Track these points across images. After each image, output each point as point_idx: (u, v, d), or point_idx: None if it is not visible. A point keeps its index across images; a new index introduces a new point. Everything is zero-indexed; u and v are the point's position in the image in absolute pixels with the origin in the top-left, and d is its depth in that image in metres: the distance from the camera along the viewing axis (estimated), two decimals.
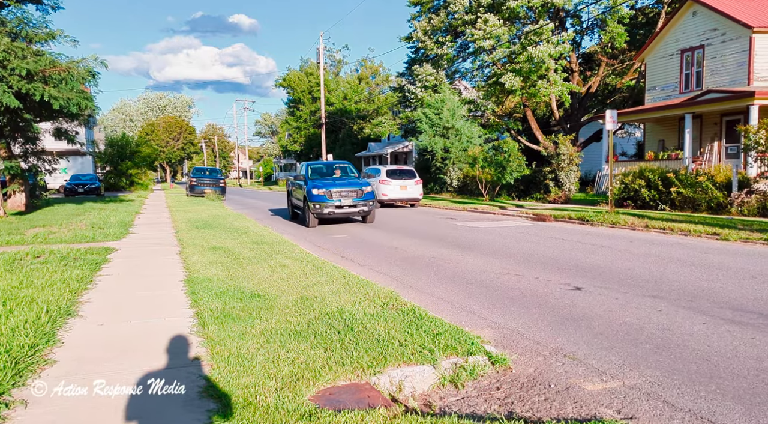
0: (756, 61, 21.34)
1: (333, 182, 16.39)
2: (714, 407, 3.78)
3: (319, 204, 15.63)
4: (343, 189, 15.96)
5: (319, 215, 15.77)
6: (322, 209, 15.66)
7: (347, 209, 15.90)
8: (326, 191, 15.78)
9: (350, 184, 16.39)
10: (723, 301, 6.44)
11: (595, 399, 4.00)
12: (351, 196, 15.94)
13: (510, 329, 5.74)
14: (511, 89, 28.02)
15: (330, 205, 15.65)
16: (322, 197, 15.68)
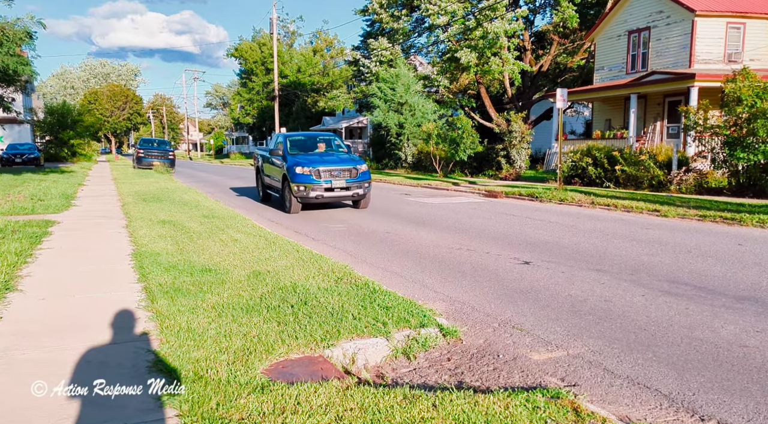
0: (697, 44, 22.13)
1: (320, 159, 13.42)
2: (650, 373, 3.99)
3: (304, 186, 12.72)
4: (333, 167, 13.02)
5: (303, 199, 12.93)
6: (308, 192, 12.73)
7: (339, 193, 13.05)
8: (313, 170, 12.82)
9: (342, 161, 13.47)
10: (661, 274, 6.76)
11: (540, 368, 4.15)
12: (344, 177, 13.04)
13: (461, 302, 5.86)
14: (466, 65, 28.14)
15: (317, 187, 12.77)
16: (307, 177, 12.78)
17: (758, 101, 14.01)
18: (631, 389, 3.75)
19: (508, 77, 30.46)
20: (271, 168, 14.85)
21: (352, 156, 14.28)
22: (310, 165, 12.91)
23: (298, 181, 12.77)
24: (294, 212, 13.15)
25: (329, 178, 12.86)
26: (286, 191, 13.40)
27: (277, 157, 14.18)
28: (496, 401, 3.27)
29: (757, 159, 14.19)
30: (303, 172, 12.79)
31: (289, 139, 14.72)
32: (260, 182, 16.43)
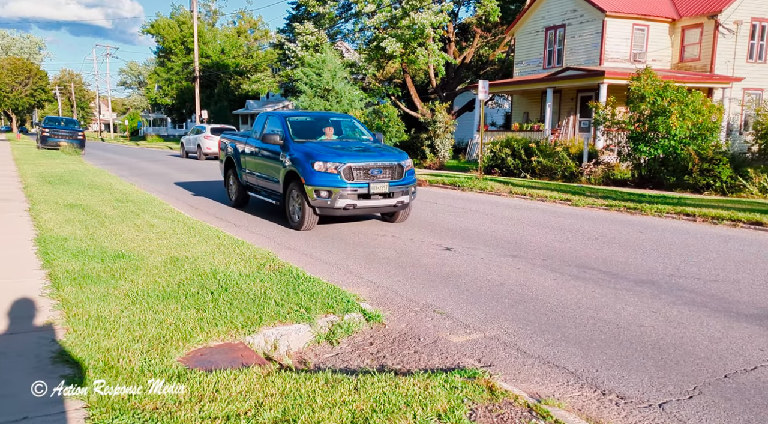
0: (607, 42, 23.46)
1: (347, 151, 9.19)
2: (559, 352, 4.23)
3: (327, 190, 8.48)
4: (370, 163, 8.81)
5: (324, 209, 8.68)
6: (333, 200, 8.49)
7: (377, 201, 8.80)
8: (341, 167, 8.57)
9: (379, 153, 9.22)
10: (571, 259, 7.16)
11: (459, 350, 4.29)
12: (385, 177, 8.84)
13: (385, 287, 5.94)
14: (392, 54, 28.28)
15: (348, 192, 8.52)
16: (332, 178, 8.53)
17: (659, 99, 15.05)
18: (541, 368, 3.96)
19: (433, 68, 30.91)
20: (258, 163, 10.50)
21: (384, 146, 10.13)
22: (336, 159, 8.60)
23: (318, 183, 8.49)
24: (307, 228, 8.97)
25: (365, 180, 8.63)
26: (291, 198, 9.17)
27: (271, 147, 9.87)
28: (416, 383, 3.35)
29: (657, 153, 15.26)
30: (325, 170, 8.54)
31: (289, 120, 10.16)
32: (234, 181, 11.70)
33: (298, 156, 9.02)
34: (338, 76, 31.29)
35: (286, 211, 9.40)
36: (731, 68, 23.40)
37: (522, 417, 3.02)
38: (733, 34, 23.28)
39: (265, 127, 10.62)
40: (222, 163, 12.46)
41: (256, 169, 10.67)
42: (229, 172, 12.02)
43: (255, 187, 10.96)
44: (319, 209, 8.75)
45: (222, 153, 12.51)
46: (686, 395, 3.50)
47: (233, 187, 11.87)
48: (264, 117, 10.97)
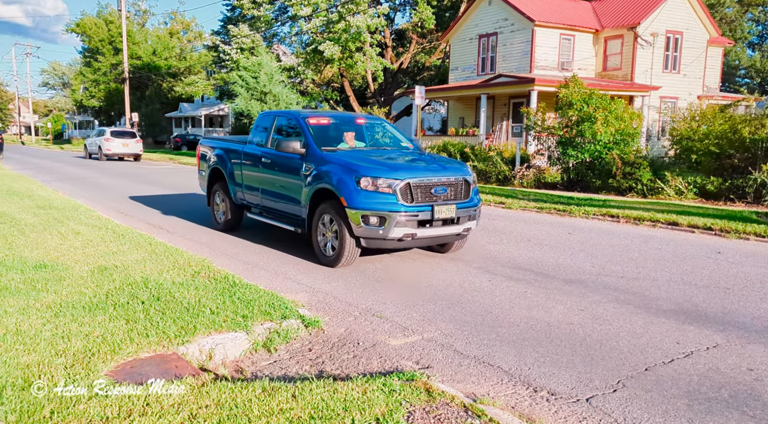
0: (537, 51, 24.41)
1: (401, 163, 7.29)
2: (494, 352, 4.35)
3: (378, 216, 6.44)
4: (432, 179, 6.80)
5: (374, 240, 6.64)
6: (387, 229, 6.45)
7: (441, 229, 6.79)
8: (396, 184, 6.55)
9: (441, 166, 7.18)
10: (505, 261, 7.38)
11: (398, 353, 4.34)
12: (451, 198, 6.89)
13: (324, 292, 5.91)
14: (330, 58, 28.24)
15: (407, 218, 6.50)
16: (384, 200, 6.51)
17: (585, 106, 15.77)
18: (477, 368, 4.06)
19: (370, 72, 31.09)
20: (265, 177, 8.19)
21: (436, 156, 8.38)
22: (390, 174, 6.59)
23: (367, 206, 6.44)
24: (345, 263, 6.86)
25: (427, 202, 6.63)
26: (321, 224, 7.04)
27: (287, 157, 7.67)
28: (354, 388, 3.36)
29: (584, 157, 15.98)
30: (376, 189, 6.51)
31: (308, 121, 7.92)
32: (224, 198, 9.20)
33: (333, 169, 6.85)
34: (276, 79, 30.91)
35: (313, 241, 7.16)
36: (649, 77, 24.84)
37: (458, 417, 3.09)
38: (650, 46, 24.74)
39: (272, 130, 8.35)
40: (204, 176, 9.81)
41: (262, 185, 8.28)
42: (216, 188, 9.41)
43: (257, 207, 8.56)
44: (365, 241, 6.62)
45: (203, 164, 9.90)
46: (611, 389, 3.68)
47: (222, 207, 9.30)
48: (269, 118, 8.63)
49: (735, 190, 13.32)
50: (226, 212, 9.16)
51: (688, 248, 8.34)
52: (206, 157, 9.80)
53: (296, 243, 8.27)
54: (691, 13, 25.90)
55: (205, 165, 9.86)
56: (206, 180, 9.75)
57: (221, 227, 9.34)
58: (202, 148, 10.07)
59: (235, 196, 8.96)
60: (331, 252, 7.00)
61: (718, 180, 13.86)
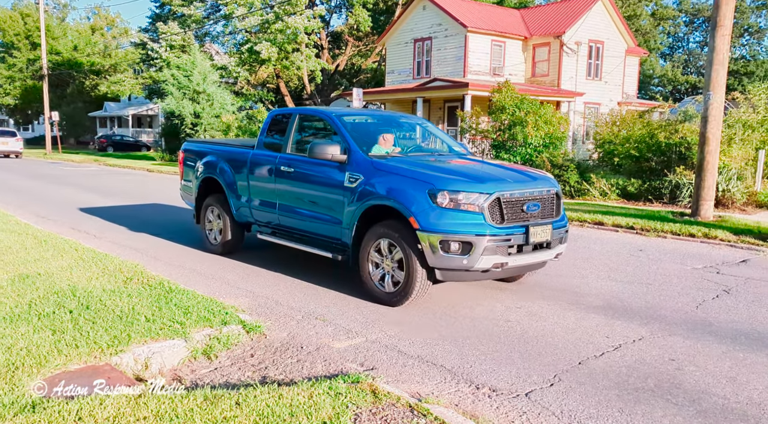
0: (470, 56, 25.08)
1: (480, 172, 5.90)
2: (436, 351, 4.42)
3: (461, 241, 5.06)
4: (525, 191, 5.48)
5: (456, 272, 5.27)
6: (474, 257, 5.07)
7: (533, 256, 5.50)
8: (485, 200, 5.19)
9: (527, 176, 5.85)
10: None
11: (342, 356, 4.33)
12: (543, 215, 5.59)
13: (265, 296, 5.82)
14: (267, 59, 27.81)
15: (497, 242, 5.14)
16: (472, 220, 5.15)
17: (517, 111, 16.33)
18: (421, 368, 4.11)
19: (307, 74, 30.87)
20: (285, 189, 6.67)
21: (504, 163, 7.17)
22: (476, 186, 5.29)
23: (447, 228, 5.10)
24: (414, 300, 5.48)
25: (519, 221, 5.36)
26: (375, 250, 5.65)
27: (318, 165, 6.24)
28: (300, 392, 3.33)
29: (516, 160, 16.53)
30: (457, 206, 5.19)
31: (342, 120, 6.54)
32: (222, 215, 7.58)
33: (394, 181, 5.49)
34: (209, 78, 30.09)
35: (363, 272, 5.69)
36: (575, 84, 26.03)
37: (404, 417, 3.13)
38: (575, 54, 25.94)
39: (292, 132, 6.76)
40: (191, 187, 8.10)
41: (280, 200, 6.71)
42: (210, 202, 7.75)
43: (271, 226, 7.01)
44: (441, 273, 5.24)
45: (189, 172, 8.21)
46: (548, 383, 3.84)
47: (217, 225, 7.67)
48: (287, 117, 7.04)
49: (653, 191, 14.16)
50: (225, 232, 7.52)
51: (613, 246, 8.79)
52: (193, 164, 8.08)
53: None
54: (610, 23, 27.36)
55: (191, 174, 8.11)
56: (195, 192, 7.97)
57: (217, 249, 7.65)
58: (187, 154, 8.41)
59: (238, 213, 7.35)
60: (391, 287, 5.51)
61: (638, 182, 14.69)
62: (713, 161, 9.55)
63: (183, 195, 8.64)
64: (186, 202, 8.60)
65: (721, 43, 9.18)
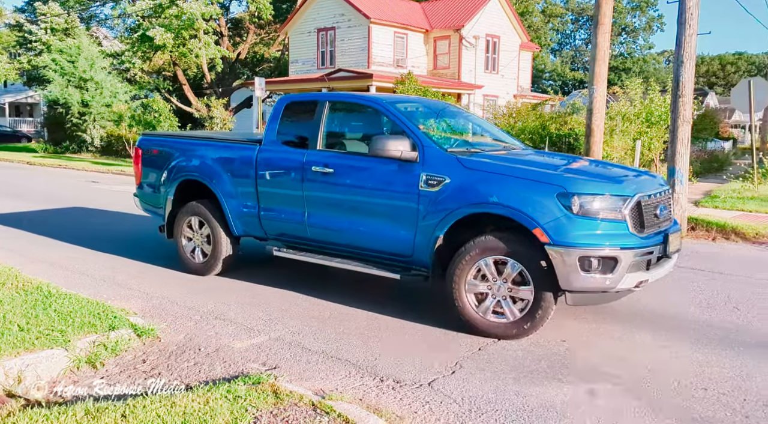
0: (373, 47, 25.21)
1: (604, 171, 5.21)
2: (341, 345, 4.37)
3: (604, 257, 4.11)
4: (656, 191, 4.69)
5: (595, 293, 4.31)
6: (618, 276, 4.15)
7: (663, 268, 4.62)
8: (626, 205, 4.27)
9: (648, 174, 5.22)
10: None
11: (243, 356, 4.17)
12: (670, 219, 4.93)
13: (160, 297, 5.49)
14: (162, 45, 26.27)
15: (641, 256, 4.28)
16: (616, 229, 4.24)
17: None
18: (326, 364, 4.05)
19: (206, 62, 29.55)
20: (320, 196, 5.43)
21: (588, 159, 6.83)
22: (613, 187, 4.41)
23: (584, 242, 4.14)
24: (537, 329, 4.46)
25: (656, 228, 4.58)
26: (477, 271, 4.52)
27: (376, 163, 5.03)
28: (195, 398, 3.15)
29: None
30: (594, 215, 4.23)
31: (396, 107, 5.33)
32: (215, 225, 6.12)
33: (501, 182, 4.49)
34: (97, 65, 27.98)
35: (460, 299, 4.56)
36: (474, 77, 26.95)
37: (307, 417, 3.05)
38: (473, 47, 26.83)
39: (322, 124, 5.49)
40: (161, 192, 6.56)
41: (314, 208, 5.45)
42: (191, 211, 6.29)
43: (296, 240, 5.76)
44: (574, 297, 4.36)
45: (152, 173, 6.72)
46: (450, 371, 3.91)
47: (199, 240, 6.28)
48: (315, 105, 5.65)
49: None
50: (216, 247, 6.09)
51: None
52: (160, 164, 6.55)
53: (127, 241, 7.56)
54: (506, 19, 28.56)
55: (156, 176, 6.60)
56: (167, 199, 6.42)
57: (201, 268, 6.25)
58: (147, 151, 6.79)
59: (240, 224, 5.97)
60: (494, 317, 4.48)
61: None
62: (598, 151, 10.21)
63: (141, 203, 7.03)
64: (146, 211, 7.04)
65: (602, 40, 9.81)
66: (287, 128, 5.81)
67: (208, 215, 6.14)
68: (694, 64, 9.09)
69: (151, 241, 7.91)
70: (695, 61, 9.24)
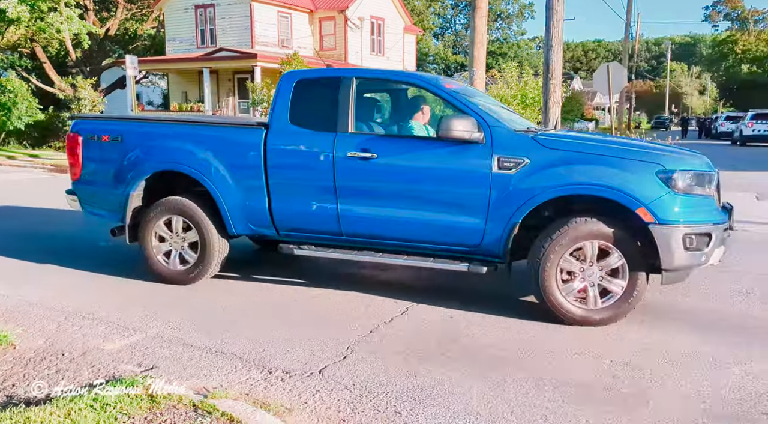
0: (256, 27, 24.35)
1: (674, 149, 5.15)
2: (227, 338, 4.13)
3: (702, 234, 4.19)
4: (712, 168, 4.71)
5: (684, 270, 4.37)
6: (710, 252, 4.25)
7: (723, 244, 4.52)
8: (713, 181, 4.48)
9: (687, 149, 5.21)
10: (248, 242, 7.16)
11: (115, 358, 3.82)
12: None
13: (18, 298, 4.90)
14: (16, 19, 23.42)
15: (723, 231, 4.39)
16: (709, 207, 4.36)
17: None
18: (210, 359, 3.81)
19: (70, 38, 26.86)
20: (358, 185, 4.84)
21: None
22: (701, 165, 4.48)
23: (688, 219, 4.15)
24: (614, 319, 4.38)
25: (722, 206, 4.75)
26: (571, 254, 4.33)
27: (422, 148, 4.80)
28: (54, 412, 2.81)
29: None
30: (690, 192, 4.26)
31: (442, 84, 5.02)
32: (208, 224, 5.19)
33: (593, 161, 4.32)
34: None
35: (546, 286, 4.32)
36: (360, 58, 26.95)
37: (187, 419, 2.83)
38: (359, 29, 26.78)
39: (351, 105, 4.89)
40: (119, 188, 5.40)
41: (350, 199, 4.85)
42: (167, 209, 5.29)
43: (323, 235, 5.09)
44: (669, 275, 4.29)
45: (97, 165, 5.60)
46: (341, 356, 3.84)
47: (184, 243, 5.33)
48: (338, 82, 5.02)
49: None
50: (208, 250, 5.20)
51: None
52: (115, 152, 5.42)
53: None
54: (389, 1, 28.77)
55: (109, 169, 5.45)
56: (129, 197, 5.33)
57: (181, 275, 5.34)
58: (92, 137, 5.56)
59: (239, 221, 5.17)
60: (594, 303, 4.32)
61: None
62: None
63: (83, 200, 5.74)
64: (88, 212, 5.81)
65: (480, 23, 10.17)
66: (302, 109, 5.04)
67: (197, 213, 5.16)
68: (562, 49, 9.69)
69: (19, 237, 7.07)
70: (563, 46, 9.85)
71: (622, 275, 4.23)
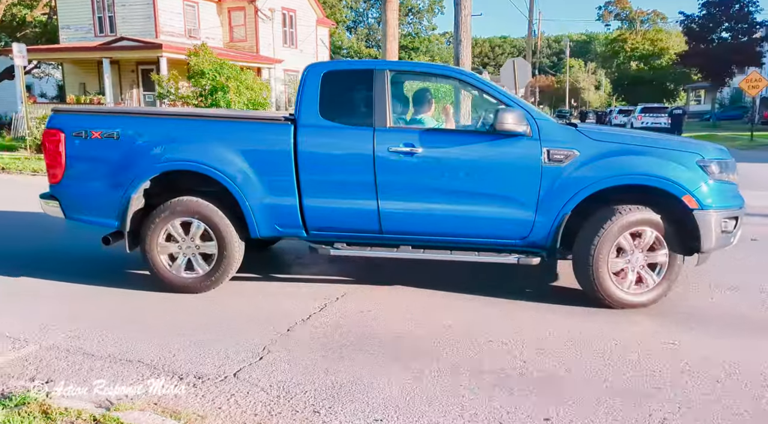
0: (161, 16, 23.17)
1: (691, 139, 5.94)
2: (133, 346, 3.89)
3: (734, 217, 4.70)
4: None
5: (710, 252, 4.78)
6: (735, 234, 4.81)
7: None
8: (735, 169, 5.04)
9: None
10: None
11: (5, 373, 3.49)
12: None
13: None
14: None
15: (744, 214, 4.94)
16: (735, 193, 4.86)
17: (217, 75, 15.73)
18: (114, 368, 3.57)
19: None
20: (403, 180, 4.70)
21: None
22: (723, 153, 4.93)
23: (723, 204, 4.60)
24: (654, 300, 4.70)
25: None
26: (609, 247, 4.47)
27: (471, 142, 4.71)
28: None
29: None
30: (722, 179, 4.70)
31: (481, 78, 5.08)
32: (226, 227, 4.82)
33: (639, 152, 4.54)
34: None
35: (597, 275, 4.45)
36: (273, 50, 26.40)
37: None
38: (270, 20, 26.19)
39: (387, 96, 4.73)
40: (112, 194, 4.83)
41: (393, 194, 4.70)
42: (175, 212, 4.81)
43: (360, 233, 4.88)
44: (700, 259, 4.76)
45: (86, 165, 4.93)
46: (257, 357, 3.73)
47: (197, 249, 4.88)
48: (370, 74, 4.81)
49: None
50: (227, 254, 4.82)
51: None
52: (109, 150, 4.84)
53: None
54: None
55: (102, 169, 4.87)
56: (129, 200, 4.77)
57: (195, 283, 4.90)
58: (78, 136, 4.86)
59: (264, 221, 4.82)
60: (643, 286, 4.55)
61: None
62: None
63: (66, 206, 5.04)
64: (70, 217, 5.11)
65: (391, 17, 10.25)
66: (332, 103, 4.83)
67: (215, 214, 4.77)
68: (471, 44, 9.95)
69: None
70: (471, 42, 10.12)
71: (664, 258, 4.51)
